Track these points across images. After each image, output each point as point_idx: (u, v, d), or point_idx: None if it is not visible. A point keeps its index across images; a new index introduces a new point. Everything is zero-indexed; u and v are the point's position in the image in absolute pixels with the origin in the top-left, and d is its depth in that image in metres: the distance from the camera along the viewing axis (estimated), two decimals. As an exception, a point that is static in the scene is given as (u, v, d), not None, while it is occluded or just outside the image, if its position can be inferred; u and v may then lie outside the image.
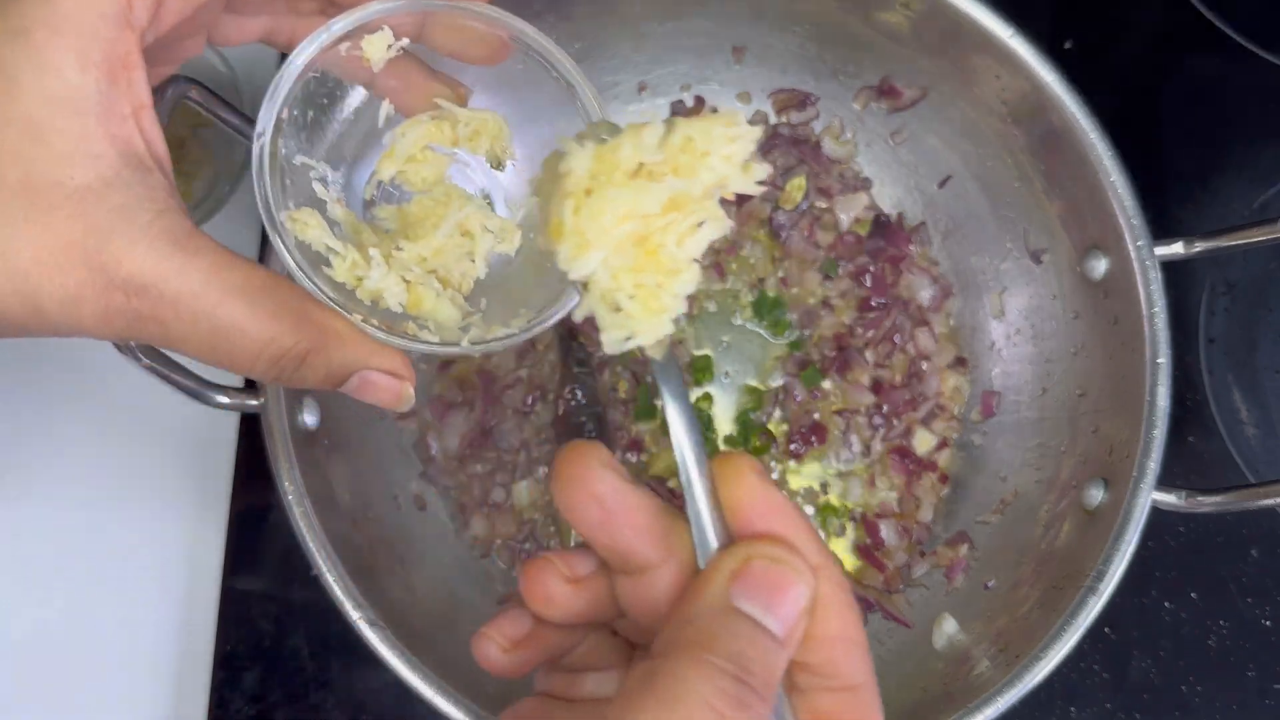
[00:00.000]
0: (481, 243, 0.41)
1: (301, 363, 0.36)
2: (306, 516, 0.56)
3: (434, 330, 0.40)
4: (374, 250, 0.39)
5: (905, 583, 0.69)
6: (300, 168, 0.40)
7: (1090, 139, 0.60)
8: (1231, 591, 0.71)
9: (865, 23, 0.68)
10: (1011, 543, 0.66)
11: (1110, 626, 0.70)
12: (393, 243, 0.40)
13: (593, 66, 0.73)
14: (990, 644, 0.61)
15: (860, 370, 0.72)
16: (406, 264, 0.40)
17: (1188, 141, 0.79)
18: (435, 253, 0.40)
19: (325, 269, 0.39)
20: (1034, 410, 0.69)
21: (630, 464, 0.71)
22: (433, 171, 0.42)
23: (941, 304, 0.74)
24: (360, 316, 0.38)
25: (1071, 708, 0.69)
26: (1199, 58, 0.81)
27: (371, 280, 0.38)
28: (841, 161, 0.76)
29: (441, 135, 0.42)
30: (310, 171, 0.40)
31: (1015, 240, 0.70)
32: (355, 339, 0.37)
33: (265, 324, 0.35)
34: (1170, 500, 0.57)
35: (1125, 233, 0.60)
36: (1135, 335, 0.60)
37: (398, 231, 0.42)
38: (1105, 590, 0.56)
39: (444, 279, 0.41)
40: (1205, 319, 0.75)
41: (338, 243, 0.39)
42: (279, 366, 0.36)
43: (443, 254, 0.40)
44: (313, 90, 0.40)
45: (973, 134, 0.69)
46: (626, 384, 0.72)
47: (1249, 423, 0.73)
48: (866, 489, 0.72)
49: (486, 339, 0.39)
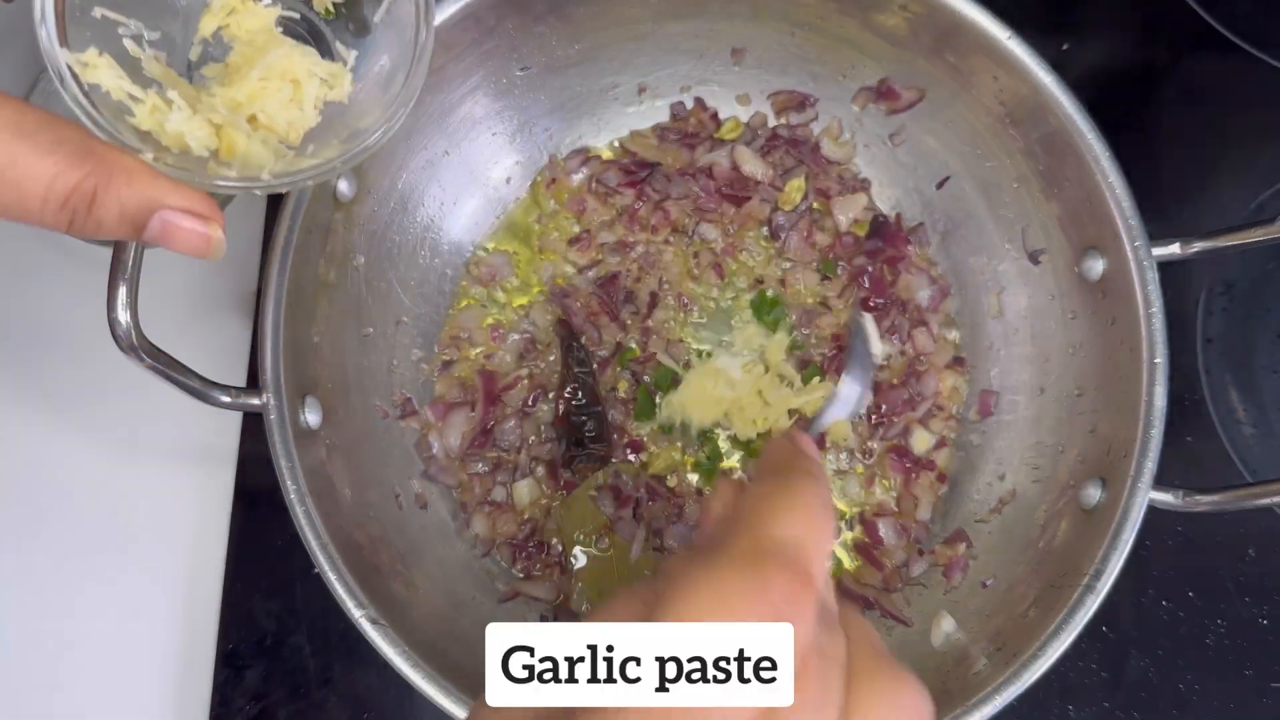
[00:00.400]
0: (308, 89, 0.40)
1: (92, 201, 0.35)
2: (308, 515, 0.56)
3: (244, 168, 0.38)
4: (173, 93, 0.37)
5: (904, 581, 0.70)
6: (102, 22, 0.38)
7: (1088, 140, 0.61)
8: (1229, 590, 0.72)
9: (864, 25, 0.68)
10: (1009, 542, 0.67)
11: (1108, 625, 0.70)
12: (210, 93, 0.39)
13: (593, 68, 0.74)
14: (988, 642, 0.61)
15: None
16: (214, 107, 0.38)
17: (1185, 143, 0.79)
18: (250, 96, 0.39)
19: (129, 118, 0.37)
20: (1032, 410, 0.70)
21: (630, 464, 0.71)
22: (257, 22, 0.41)
23: (940, 304, 0.74)
24: (152, 155, 0.36)
25: (1069, 706, 0.69)
26: (1196, 59, 0.81)
27: (172, 122, 0.37)
28: (840, 163, 0.77)
29: None
30: (119, 28, 0.39)
31: (1013, 241, 0.71)
32: (146, 174, 0.36)
33: (44, 159, 0.33)
34: (1168, 499, 0.57)
35: (1123, 233, 0.60)
36: (1133, 335, 0.60)
37: (221, 77, 0.40)
38: (1103, 589, 0.56)
39: (267, 125, 0.40)
40: (1203, 319, 0.75)
41: (135, 87, 0.37)
42: (69, 209, 0.34)
43: (261, 98, 0.39)
44: None
45: (971, 135, 0.70)
46: (626, 384, 0.73)
47: (1246, 422, 0.74)
48: (865, 488, 0.72)
49: (291, 171, 0.38)
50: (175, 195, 0.36)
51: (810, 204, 0.76)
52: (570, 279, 0.75)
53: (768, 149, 0.76)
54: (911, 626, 0.67)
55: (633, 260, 0.74)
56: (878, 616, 0.69)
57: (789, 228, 0.75)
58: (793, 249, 0.75)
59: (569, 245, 0.75)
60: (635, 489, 0.71)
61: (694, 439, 0.71)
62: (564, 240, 0.75)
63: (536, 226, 0.76)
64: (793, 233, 0.75)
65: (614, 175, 0.76)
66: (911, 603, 0.68)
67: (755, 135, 0.76)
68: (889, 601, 0.68)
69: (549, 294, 0.74)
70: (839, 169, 0.76)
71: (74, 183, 0.34)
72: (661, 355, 0.72)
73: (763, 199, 0.75)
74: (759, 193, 0.75)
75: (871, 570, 0.70)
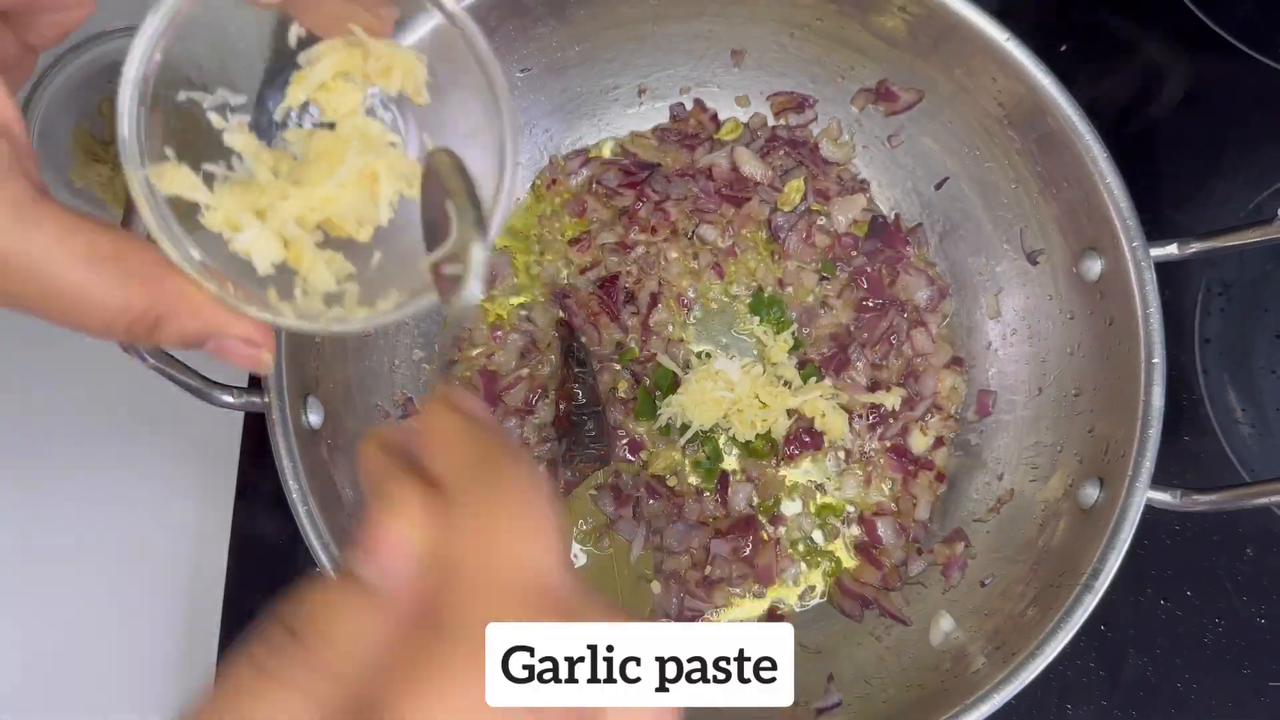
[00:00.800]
0: (385, 188, 0.39)
1: (155, 327, 0.36)
2: (310, 515, 0.56)
3: (306, 291, 0.38)
4: (244, 215, 0.37)
5: (902, 580, 0.70)
6: (187, 104, 0.38)
7: (1086, 141, 0.61)
8: (1227, 589, 0.72)
9: (863, 27, 0.68)
10: (1008, 541, 0.67)
11: (1106, 624, 0.70)
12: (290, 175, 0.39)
13: (592, 70, 0.74)
14: (987, 641, 0.61)
15: (857, 370, 0.73)
16: (285, 221, 0.38)
17: (1183, 143, 0.79)
18: (324, 201, 0.39)
19: (200, 217, 0.37)
20: (1030, 410, 0.70)
21: (630, 464, 0.72)
22: (347, 102, 0.40)
23: (938, 304, 0.74)
24: (216, 285, 0.37)
25: (1067, 705, 0.70)
26: (1195, 61, 0.81)
27: (240, 242, 0.37)
28: (839, 164, 0.77)
29: (353, 65, 0.40)
30: (205, 101, 0.39)
31: (1011, 241, 0.71)
32: (210, 305, 0.37)
33: (114, 291, 0.35)
34: (1165, 499, 0.58)
35: (1120, 234, 0.60)
36: (1131, 335, 0.60)
37: (301, 162, 0.40)
38: (1101, 588, 0.56)
39: (339, 225, 0.39)
40: (1201, 319, 0.75)
41: (209, 195, 0.37)
42: (132, 332, 0.36)
43: (335, 202, 0.39)
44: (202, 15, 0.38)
45: (969, 136, 0.70)
46: (626, 384, 0.73)
47: (1244, 422, 0.74)
48: (864, 488, 0.72)
49: (347, 319, 0.38)
50: (235, 325, 0.37)
51: (809, 205, 0.76)
52: (570, 279, 0.75)
53: (767, 150, 0.76)
54: (910, 626, 0.67)
55: (633, 261, 0.75)
56: (877, 615, 0.69)
57: (788, 228, 0.75)
58: (792, 249, 0.75)
59: (569, 246, 0.75)
60: (635, 489, 0.71)
61: (694, 439, 0.71)
62: (564, 241, 0.75)
63: (537, 227, 0.76)
64: (792, 233, 0.75)
65: (614, 176, 0.76)
66: (910, 602, 0.69)
67: (755, 136, 0.76)
68: (888, 601, 0.69)
69: (549, 294, 0.74)
70: (838, 170, 0.77)
71: (139, 313, 0.35)
72: (661, 356, 0.72)
73: (762, 200, 0.75)
74: (758, 193, 0.75)
75: (870, 569, 0.70)
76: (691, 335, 0.74)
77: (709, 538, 0.70)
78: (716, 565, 0.70)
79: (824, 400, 0.71)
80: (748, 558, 0.70)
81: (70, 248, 0.34)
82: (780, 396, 0.71)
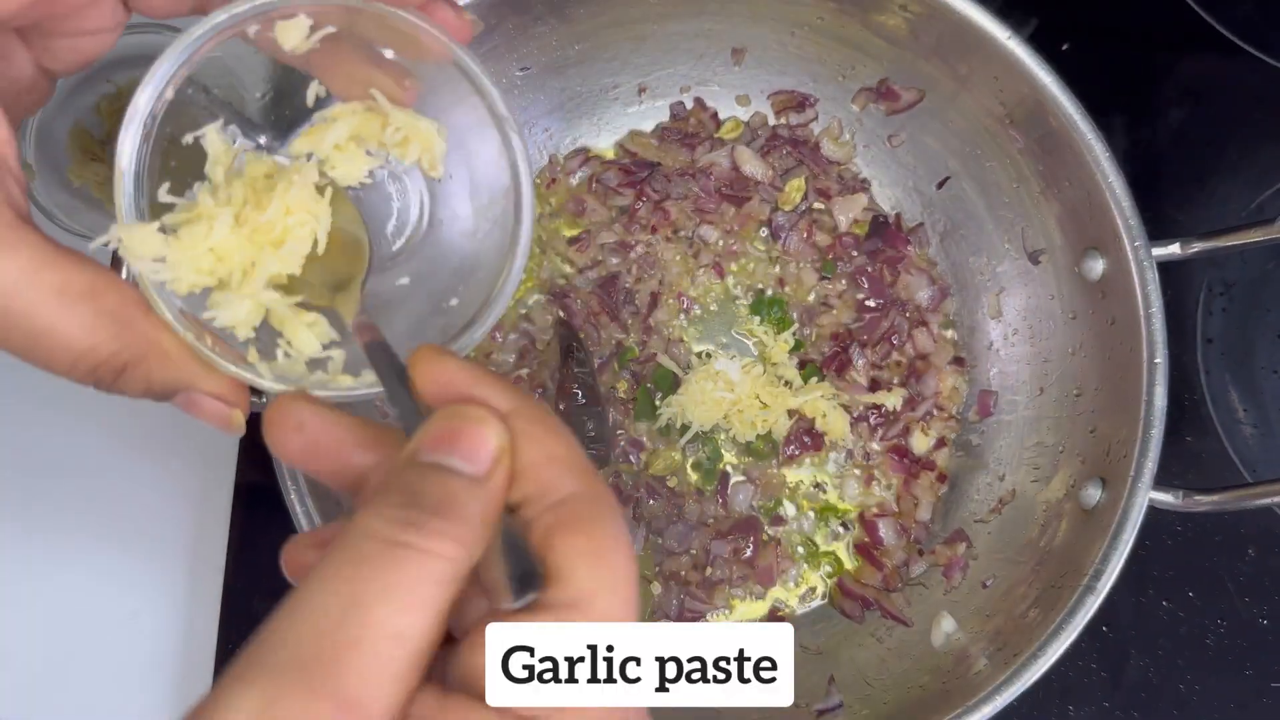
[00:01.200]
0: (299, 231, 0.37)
1: (120, 375, 0.35)
2: (309, 515, 0.56)
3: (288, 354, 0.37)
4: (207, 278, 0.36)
5: (904, 581, 0.70)
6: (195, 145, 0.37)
7: (1087, 140, 0.61)
8: (1229, 590, 0.72)
9: (864, 25, 0.68)
10: (1009, 542, 0.67)
11: (1108, 625, 0.70)
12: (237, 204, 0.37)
13: (592, 68, 0.74)
14: (988, 642, 0.61)
15: (858, 370, 0.73)
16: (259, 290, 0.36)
17: (1185, 143, 0.79)
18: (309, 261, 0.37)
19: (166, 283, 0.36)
20: (1032, 410, 0.70)
21: (630, 464, 0.71)
22: (354, 170, 0.39)
23: (939, 304, 0.74)
24: (194, 335, 0.35)
25: (1069, 706, 0.69)
26: (1196, 59, 0.81)
27: (221, 318, 0.36)
28: (840, 163, 0.77)
29: (370, 132, 0.39)
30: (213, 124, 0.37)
31: (1013, 241, 0.71)
32: (182, 357, 0.35)
33: (82, 331, 0.33)
34: (1167, 499, 0.57)
35: (1122, 233, 0.60)
36: (1132, 335, 0.60)
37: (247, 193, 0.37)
38: (1103, 589, 0.56)
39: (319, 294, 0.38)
40: (1203, 319, 0.75)
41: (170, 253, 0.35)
42: (95, 375, 0.34)
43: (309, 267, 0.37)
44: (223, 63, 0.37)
45: (970, 136, 0.70)
46: (626, 384, 0.73)
47: (1246, 422, 0.74)
48: (865, 488, 0.72)
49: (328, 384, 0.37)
50: (205, 381, 0.36)
51: (810, 204, 0.76)
52: (570, 279, 0.75)
53: (768, 149, 0.76)
54: (912, 626, 0.67)
55: (633, 260, 0.74)
56: (878, 616, 0.69)
57: (789, 228, 0.75)
58: (793, 249, 0.75)
59: (569, 245, 0.75)
60: (635, 489, 0.71)
61: (694, 440, 0.71)
62: (564, 240, 0.75)
63: (536, 227, 0.76)
64: (793, 233, 0.75)
65: (614, 175, 0.76)
66: (912, 603, 0.68)
67: (755, 135, 0.76)
68: (889, 601, 0.68)
69: (549, 294, 0.74)
70: (839, 169, 0.76)
71: (104, 357, 0.34)
72: (661, 356, 0.72)
73: (762, 199, 0.75)
74: (759, 193, 0.75)
75: (871, 570, 0.70)
76: (691, 335, 0.74)
77: (709, 538, 0.70)
78: (717, 566, 0.70)
79: (825, 400, 0.71)
80: (748, 559, 0.70)
81: (42, 279, 0.33)
82: (781, 397, 0.70)
